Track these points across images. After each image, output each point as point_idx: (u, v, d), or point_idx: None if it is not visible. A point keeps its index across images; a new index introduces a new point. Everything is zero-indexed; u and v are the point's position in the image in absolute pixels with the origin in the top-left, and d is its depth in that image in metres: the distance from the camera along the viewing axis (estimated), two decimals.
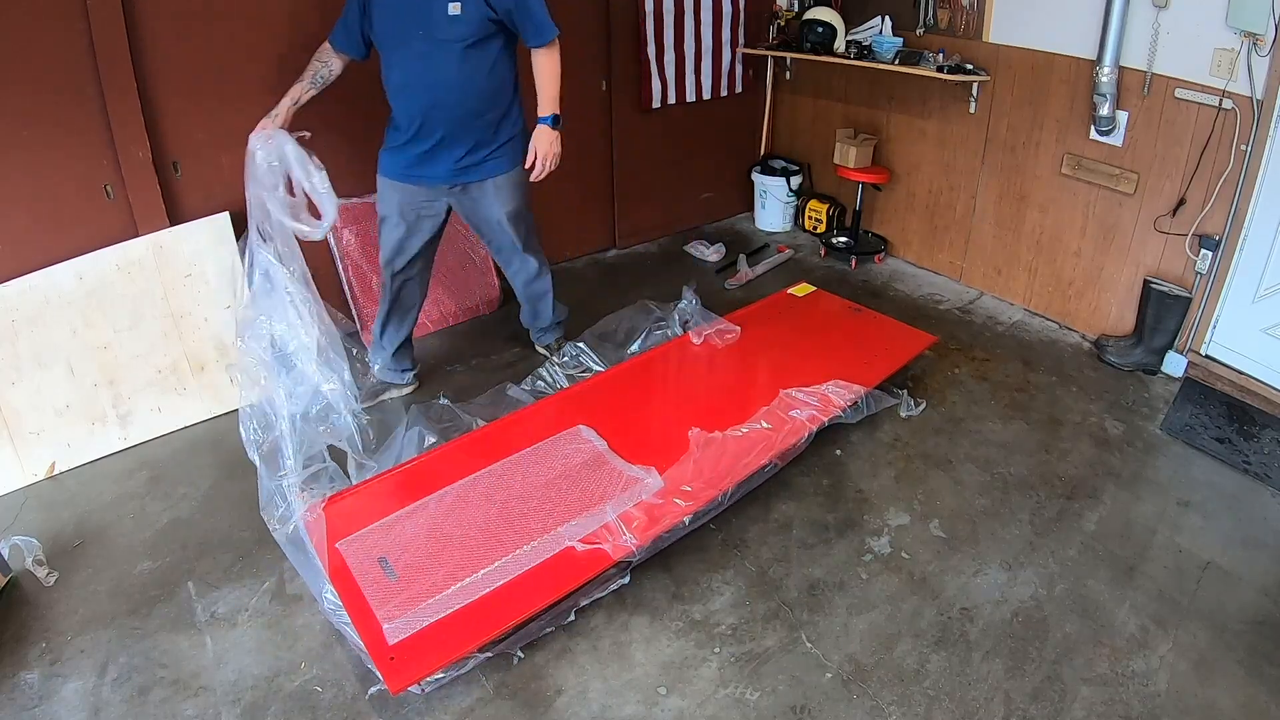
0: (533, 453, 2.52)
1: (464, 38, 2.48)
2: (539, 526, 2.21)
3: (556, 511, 2.26)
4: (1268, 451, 2.79)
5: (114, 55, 2.69)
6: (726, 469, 2.40)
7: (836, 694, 1.95)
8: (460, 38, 2.48)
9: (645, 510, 2.26)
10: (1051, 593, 2.24)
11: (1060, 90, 3.43)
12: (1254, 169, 2.86)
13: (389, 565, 2.08)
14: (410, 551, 2.13)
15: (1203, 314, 3.15)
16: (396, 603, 1.97)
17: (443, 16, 2.45)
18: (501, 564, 2.09)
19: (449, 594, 2.00)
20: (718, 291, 4.06)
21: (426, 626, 1.92)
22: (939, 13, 3.81)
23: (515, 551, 2.12)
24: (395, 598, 1.98)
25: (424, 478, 2.43)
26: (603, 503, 2.27)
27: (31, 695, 1.93)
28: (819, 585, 2.27)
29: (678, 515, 2.24)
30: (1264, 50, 2.72)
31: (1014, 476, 2.70)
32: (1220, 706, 1.91)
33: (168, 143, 2.92)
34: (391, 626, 1.90)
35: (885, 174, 4.26)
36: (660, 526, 2.20)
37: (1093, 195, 3.44)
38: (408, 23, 2.47)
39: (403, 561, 2.10)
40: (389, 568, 2.07)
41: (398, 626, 1.91)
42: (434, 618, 1.94)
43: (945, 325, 3.70)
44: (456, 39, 2.48)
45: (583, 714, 1.90)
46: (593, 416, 2.67)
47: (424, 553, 2.13)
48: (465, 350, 3.51)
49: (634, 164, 4.39)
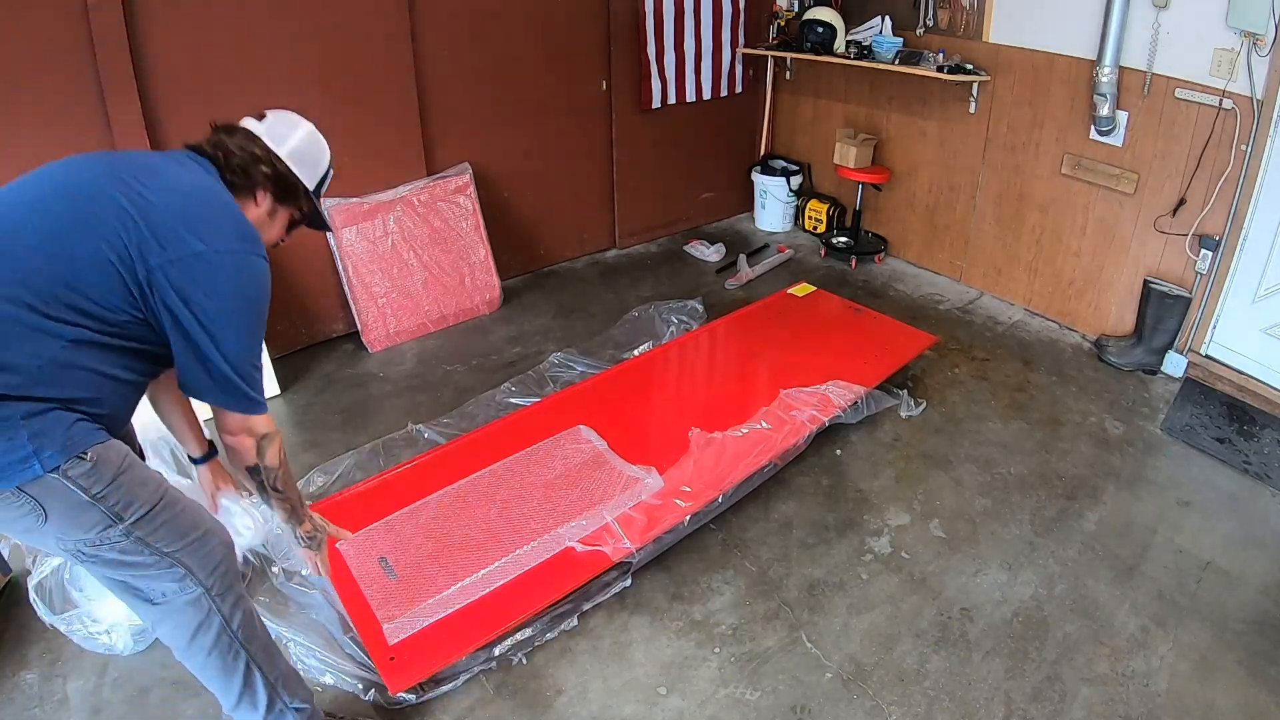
0: (533, 453, 2.52)
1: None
2: (539, 527, 2.21)
3: (557, 512, 2.26)
4: (1268, 451, 2.79)
5: (114, 55, 2.69)
6: (726, 469, 2.41)
7: (836, 694, 1.95)
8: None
9: (645, 511, 2.26)
10: (1051, 593, 2.24)
11: (1060, 90, 3.42)
12: (1254, 169, 2.86)
13: (389, 565, 2.09)
14: (411, 551, 2.14)
15: (1203, 314, 3.15)
16: (397, 603, 1.97)
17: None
18: (502, 564, 2.09)
19: (449, 594, 2.00)
20: (718, 291, 4.06)
21: (426, 627, 1.92)
22: (939, 13, 3.80)
23: (515, 552, 2.12)
24: (395, 598, 1.99)
25: (424, 478, 2.43)
26: (603, 503, 2.27)
27: (31, 695, 1.93)
28: (819, 585, 2.27)
29: (678, 516, 2.25)
30: (1264, 50, 2.72)
31: (1014, 476, 2.70)
32: (1220, 706, 1.91)
33: (168, 143, 2.91)
34: (392, 627, 1.91)
35: (885, 174, 4.26)
36: (660, 527, 2.21)
37: (1093, 195, 3.44)
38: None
39: (403, 561, 2.10)
40: (389, 567, 2.08)
41: (398, 626, 1.91)
42: (434, 618, 1.95)
43: (945, 325, 3.70)
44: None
45: (583, 714, 1.90)
46: (593, 417, 2.67)
47: (424, 552, 2.13)
48: (465, 350, 3.51)
49: (634, 164, 4.39)
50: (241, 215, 1.44)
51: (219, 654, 1.51)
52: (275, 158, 1.54)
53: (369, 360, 3.43)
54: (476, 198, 3.72)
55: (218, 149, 1.49)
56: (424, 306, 3.61)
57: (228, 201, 1.45)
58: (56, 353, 1.26)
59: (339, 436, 2.90)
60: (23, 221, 1.30)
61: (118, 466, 1.33)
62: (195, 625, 1.47)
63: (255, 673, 1.56)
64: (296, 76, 3.12)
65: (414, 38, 3.38)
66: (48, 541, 1.34)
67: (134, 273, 1.30)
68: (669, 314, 3.57)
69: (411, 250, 3.55)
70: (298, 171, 1.58)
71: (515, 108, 3.83)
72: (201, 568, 1.45)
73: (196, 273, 1.33)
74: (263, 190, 1.54)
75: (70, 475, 1.27)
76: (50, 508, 1.28)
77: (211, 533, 1.50)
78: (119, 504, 1.32)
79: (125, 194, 1.33)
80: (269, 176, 1.53)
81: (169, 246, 1.31)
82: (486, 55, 3.65)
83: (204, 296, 1.33)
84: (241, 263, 1.38)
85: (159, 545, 1.39)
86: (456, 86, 3.60)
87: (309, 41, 3.12)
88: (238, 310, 1.38)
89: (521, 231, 4.10)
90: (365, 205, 3.42)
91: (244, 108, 3.17)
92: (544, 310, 3.87)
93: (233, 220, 1.41)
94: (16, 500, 1.25)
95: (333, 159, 1.71)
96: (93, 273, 1.28)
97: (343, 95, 3.27)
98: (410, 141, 3.52)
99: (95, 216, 1.30)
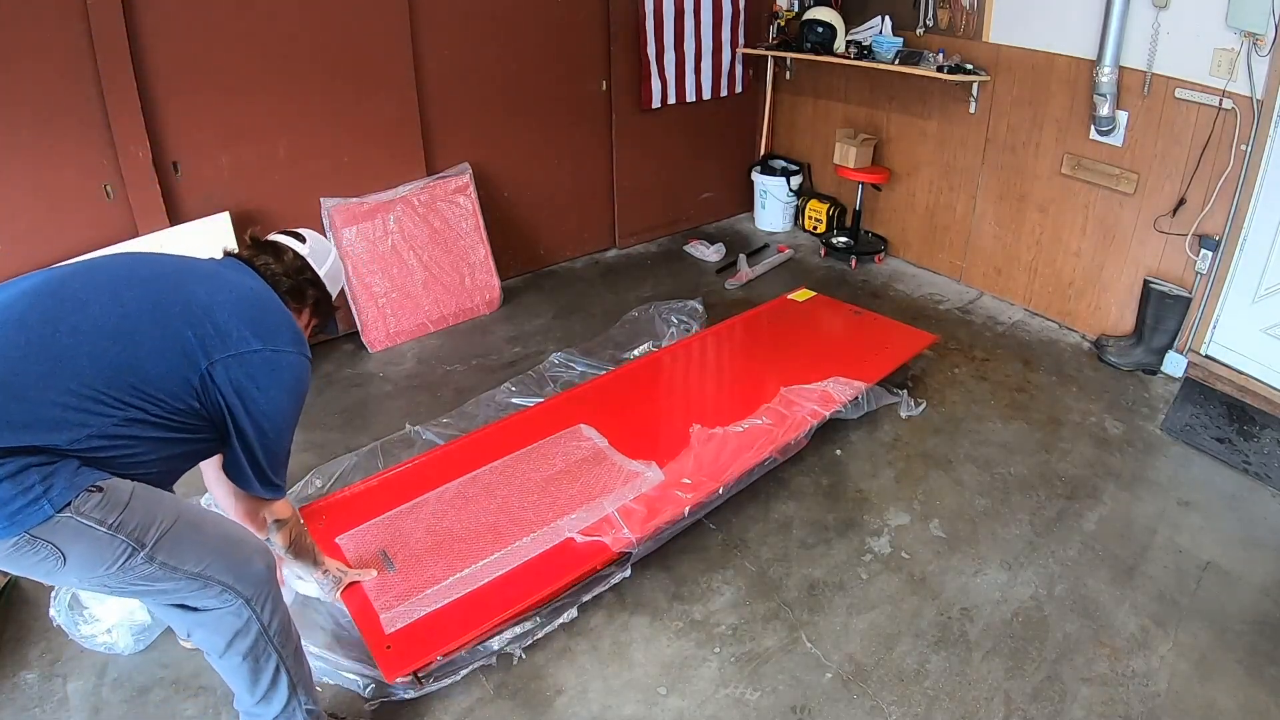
0: (533, 450, 2.53)
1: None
2: (539, 519, 2.22)
3: (557, 505, 2.27)
4: (1268, 451, 2.79)
5: (114, 55, 2.69)
6: (727, 462, 2.41)
7: (836, 694, 1.95)
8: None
9: (646, 502, 2.27)
10: (1051, 593, 2.24)
11: (1060, 90, 3.42)
12: (1254, 169, 2.86)
13: (389, 558, 2.09)
14: (411, 544, 2.14)
15: (1203, 314, 3.15)
16: (395, 592, 1.98)
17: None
18: (501, 555, 2.10)
19: (447, 584, 2.01)
20: (718, 291, 4.06)
21: (424, 616, 1.93)
22: (939, 13, 3.80)
23: (515, 543, 2.13)
24: (394, 588, 2.00)
25: (425, 475, 2.44)
26: (603, 495, 2.28)
27: (31, 695, 1.93)
28: (819, 585, 2.27)
29: (679, 507, 2.24)
30: (1264, 50, 2.72)
31: (1014, 476, 2.70)
32: (1220, 706, 1.91)
33: (168, 143, 2.92)
34: (389, 615, 1.91)
35: (885, 174, 4.26)
36: (661, 518, 2.20)
37: (1093, 195, 3.44)
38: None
39: (403, 554, 2.11)
40: (389, 560, 2.09)
41: (395, 615, 1.91)
42: (432, 607, 1.95)
43: (945, 325, 3.70)
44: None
45: (583, 714, 1.90)
46: (593, 417, 2.67)
47: (424, 545, 2.14)
48: (465, 350, 3.51)
49: (634, 164, 4.39)
50: (294, 320, 1.62)
51: (253, 658, 1.53)
52: (320, 282, 1.76)
53: (369, 360, 3.43)
54: (476, 198, 3.72)
55: (266, 269, 1.66)
56: (424, 306, 3.61)
57: (282, 307, 1.61)
58: (107, 427, 1.32)
59: (339, 437, 2.90)
60: (98, 305, 1.38)
61: (130, 490, 1.34)
62: (233, 632, 1.50)
63: (283, 674, 1.59)
64: (296, 76, 3.12)
65: (414, 38, 3.38)
66: (70, 581, 1.36)
67: (196, 364, 1.41)
68: (669, 314, 3.57)
69: (411, 250, 3.55)
70: (331, 290, 1.81)
71: (515, 108, 3.83)
72: (239, 580, 1.47)
73: (253, 367, 1.46)
74: (309, 308, 1.77)
75: (83, 511, 1.26)
76: (68, 550, 1.28)
77: (244, 542, 1.52)
78: (138, 529, 1.32)
79: (196, 293, 1.46)
80: (316, 299, 1.76)
81: (231, 343, 1.44)
82: (487, 55, 3.65)
83: (257, 390, 1.46)
84: (293, 362, 1.54)
85: (187, 567, 1.40)
86: (456, 86, 3.60)
87: (309, 41, 3.12)
88: (284, 405, 1.53)
89: (521, 231, 4.10)
90: (365, 205, 3.42)
91: (244, 107, 3.16)
92: (544, 310, 3.87)
93: (288, 324, 1.58)
94: (31, 547, 1.25)
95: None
96: (158, 362, 1.37)
97: (343, 95, 3.27)
98: (410, 141, 3.52)
99: (167, 312, 1.42)
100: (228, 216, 3.04)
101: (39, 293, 1.38)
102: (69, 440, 1.27)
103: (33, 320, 1.33)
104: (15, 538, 1.23)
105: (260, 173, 3.16)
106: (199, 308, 1.44)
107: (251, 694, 1.57)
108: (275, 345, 1.50)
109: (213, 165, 3.04)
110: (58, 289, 1.39)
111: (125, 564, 1.32)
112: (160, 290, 1.45)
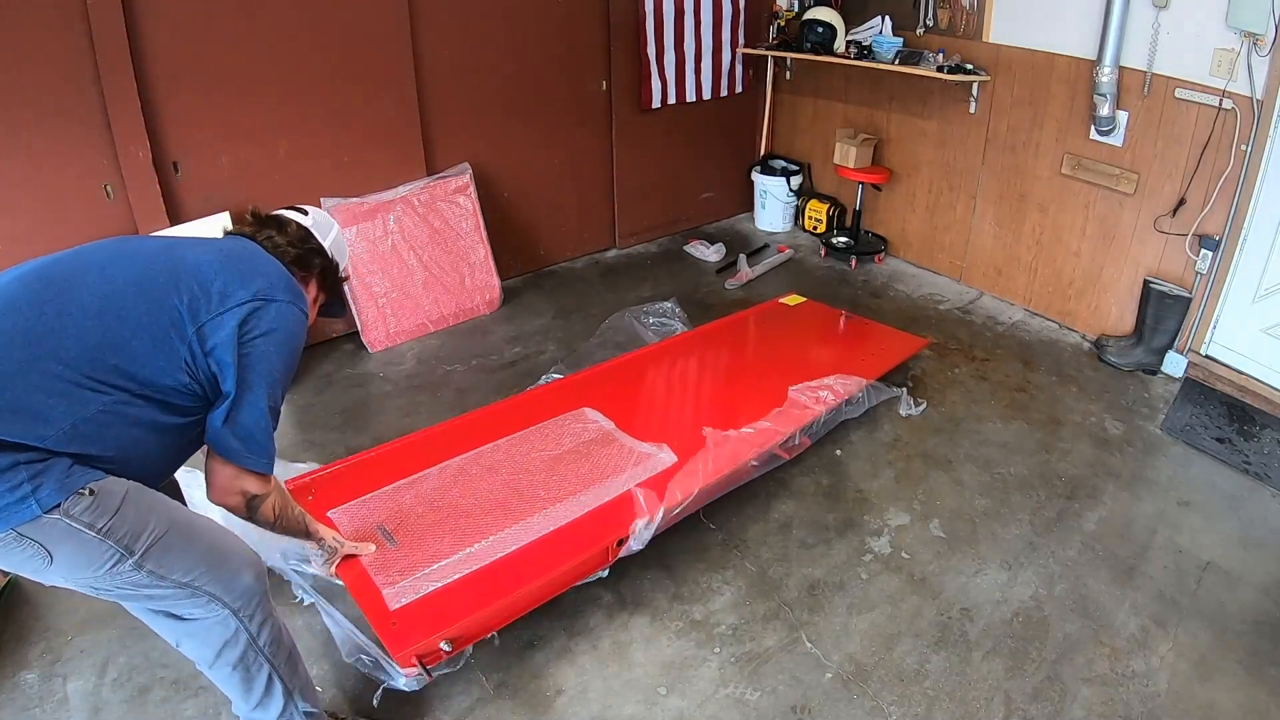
0: (538, 430, 2.50)
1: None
2: (549, 496, 2.17)
3: (566, 484, 2.23)
4: (1268, 451, 2.79)
5: (114, 55, 2.69)
6: (741, 454, 2.37)
7: (836, 694, 1.95)
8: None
9: (658, 483, 2.21)
10: (1051, 593, 2.24)
11: (1060, 90, 3.42)
12: (1254, 169, 2.86)
13: (389, 533, 2.03)
14: (412, 520, 2.08)
15: (1203, 314, 3.15)
16: (397, 568, 1.91)
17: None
18: (509, 532, 2.04)
19: (453, 560, 1.94)
20: (718, 291, 4.06)
21: (430, 592, 1.85)
22: (939, 13, 3.81)
23: (524, 520, 2.08)
24: (396, 564, 1.93)
25: (422, 452, 2.38)
26: (615, 475, 2.25)
27: (31, 695, 1.93)
28: (819, 585, 2.27)
29: (691, 485, 2.19)
30: (1264, 50, 2.72)
31: (1014, 476, 2.70)
32: (1220, 706, 1.91)
33: (168, 143, 2.92)
34: (393, 591, 1.84)
35: (885, 174, 4.26)
36: (673, 500, 2.14)
37: (1093, 195, 3.44)
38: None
39: (403, 529, 2.04)
40: (388, 535, 2.02)
41: (399, 590, 1.84)
42: (438, 584, 1.88)
43: (945, 325, 3.70)
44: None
45: (583, 714, 1.90)
46: (595, 403, 2.65)
47: (427, 521, 2.07)
48: (465, 350, 3.51)
49: (634, 164, 4.39)
50: (289, 274, 1.55)
51: (243, 667, 1.51)
52: (325, 250, 1.70)
53: (369, 360, 3.43)
54: (476, 198, 3.72)
55: (270, 241, 1.60)
56: (424, 306, 3.62)
57: (275, 263, 1.55)
58: (93, 414, 1.28)
59: (339, 437, 2.90)
60: (85, 285, 1.34)
61: (121, 495, 1.31)
62: (221, 642, 1.47)
63: (276, 682, 1.56)
64: (297, 76, 3.12)
65: (414, 38, 3.38)
66: (57, 581, 1.33)
67: (184, 333, 1.35)
68: (645, 316, 3.47)
69: (411, 250, 3.55)
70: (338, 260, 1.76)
71: (515, 108, 3.83)
72: (227, 591, 1.44)
73: (242, 317, 1.39)
74: (315, 279, 1.70)
75: (72, 514, 1.24)
76: (55, 551, 1.26)
77: (234, 554, 1.48)
78: (127, 535, 1.30)
79: (184, 256, 1.43)
80: (323, 268, 1.70)
81: (217, 301, 1.38)
82: (487, 55, 3.65)
83: (246, 339, 1.39)
84: (284, 310, 1.46)
85: (175, 576, 1.37)
86: (457, 86, 3.61)
87: (309, 41, 3.12)
88: (273, 357, 1.44)
89: (521, 231, 4.10)
90: (365, 205, 3.42)
91: (244, 107, 3.16)
92: (544, 310, 3.87)
93: (280, 275, 1.52)
94: (19, 544, 1.24)
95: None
96: (144, 339, 1.32)
97: (343, 95, 3.27)
98: (410, 141, 3.52)
99: (154, 282, 1.37)
100: (228, 216, 3.04)
101: (28, 278, 1.35)
102: (54, 431, 1.24)
103: (22, 305, 1.30)
104: (1, 534, 1.22)
105: (260, 173, 3.16)
106: (187, 270, 1.40)
107: (246, 701, 1.57)
108: (267, 295, 1.43)
109: (213, 165, 3.04)
110: (46, 271, 1.36)
111: (113, 569, 1.31)
112: (147, 262, 1.41)
